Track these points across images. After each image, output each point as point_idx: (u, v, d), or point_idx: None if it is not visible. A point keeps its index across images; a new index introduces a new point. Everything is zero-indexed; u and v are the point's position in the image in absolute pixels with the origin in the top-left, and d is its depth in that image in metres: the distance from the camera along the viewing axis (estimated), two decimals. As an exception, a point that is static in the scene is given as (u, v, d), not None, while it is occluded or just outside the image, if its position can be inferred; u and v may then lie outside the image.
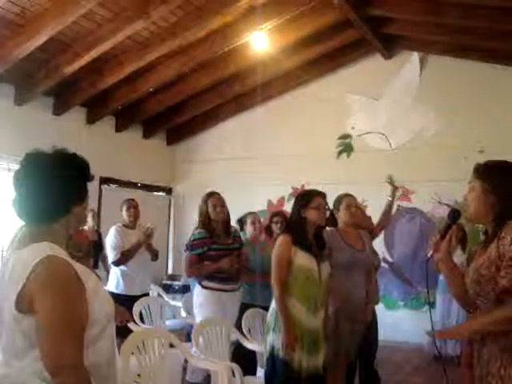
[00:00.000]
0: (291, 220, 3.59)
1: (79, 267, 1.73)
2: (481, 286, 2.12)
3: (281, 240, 3.50)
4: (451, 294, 2.41)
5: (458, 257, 6.74)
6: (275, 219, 5.19)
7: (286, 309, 3.39)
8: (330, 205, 4.01)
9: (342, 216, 4.08)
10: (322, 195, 3.62)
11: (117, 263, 5.38)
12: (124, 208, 5.57)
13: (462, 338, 2.11)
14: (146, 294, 5.60)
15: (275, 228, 5.12)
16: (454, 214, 2.35)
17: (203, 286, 4.52)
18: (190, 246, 4.54)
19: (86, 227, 6.16)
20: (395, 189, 5.11)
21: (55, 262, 1.68)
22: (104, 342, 1.78)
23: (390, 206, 5.10)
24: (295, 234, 3.48)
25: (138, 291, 5.39)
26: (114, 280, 5.47)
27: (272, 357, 3.43)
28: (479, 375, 2.18)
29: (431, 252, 2.31)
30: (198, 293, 4.58)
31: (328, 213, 3.74)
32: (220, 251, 4.54)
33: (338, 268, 3.75)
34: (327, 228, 3.86)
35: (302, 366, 3.38)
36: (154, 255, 5.67)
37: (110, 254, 5.41)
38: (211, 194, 4.70)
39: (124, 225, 5.56)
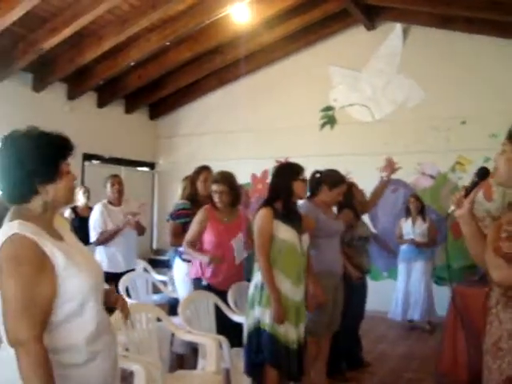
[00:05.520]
0: (276, 191, 3.55)
1: (51, 245, 1.75)
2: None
3: (263, 213, 3.47)
4: (470, 253, 2.29)
5: (420, 226, 6.88)
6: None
7: (274, 281, 3.37)
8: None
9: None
10: (303, 169, 3.67)
11: (96, 244, 5.36)
12: (108, 185, 5.48)
13: None
14: (132, 270, 5.56)
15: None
16: (482, 172, 2.27)
17: (183, 260, 4.56)
18: (175, 216, 4.59)
19: (78, 204, 6.15)
20: (394, 171, 4.97)
21: (18, 240, 1.70)
22: (86, 317, 1.80)
23: (384, 185, 5.09)
24: (278, 207, 3.48)
25: (123, 268, 5.34)
26: (98, 258, 5.39)
27: (258, 331, 3.42)
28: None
29: (453, 208, 2.26)
30: (180, 266, 4.61)
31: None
32: None
33: (320, 237, 3.91)
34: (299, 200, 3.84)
35: (288, 339, 3.39)
36: (141, 231, 5.66)
37: (91, 234, 5.36)
38: (204, 168, 4.74)
39: (109, 201, 5.48)
